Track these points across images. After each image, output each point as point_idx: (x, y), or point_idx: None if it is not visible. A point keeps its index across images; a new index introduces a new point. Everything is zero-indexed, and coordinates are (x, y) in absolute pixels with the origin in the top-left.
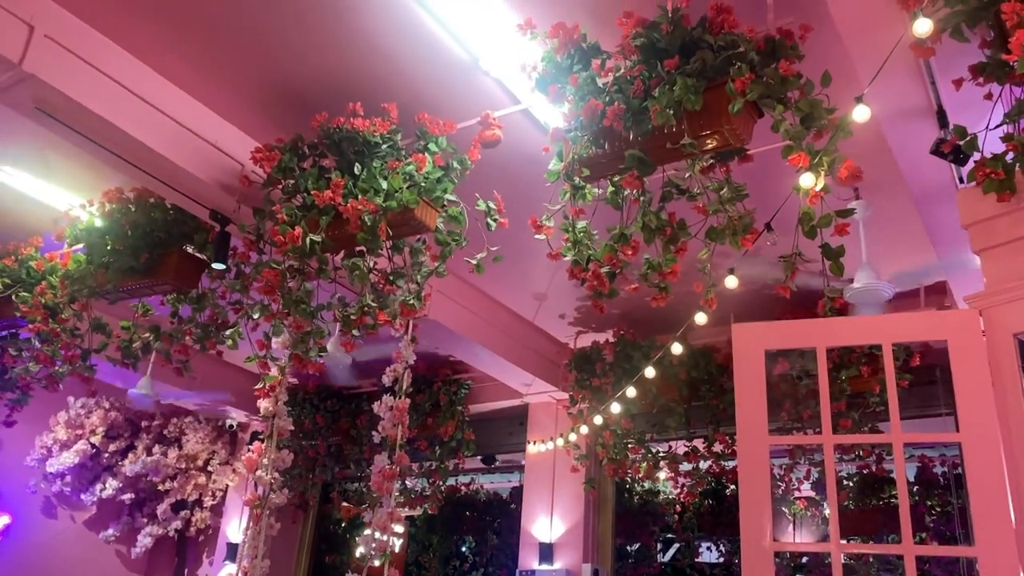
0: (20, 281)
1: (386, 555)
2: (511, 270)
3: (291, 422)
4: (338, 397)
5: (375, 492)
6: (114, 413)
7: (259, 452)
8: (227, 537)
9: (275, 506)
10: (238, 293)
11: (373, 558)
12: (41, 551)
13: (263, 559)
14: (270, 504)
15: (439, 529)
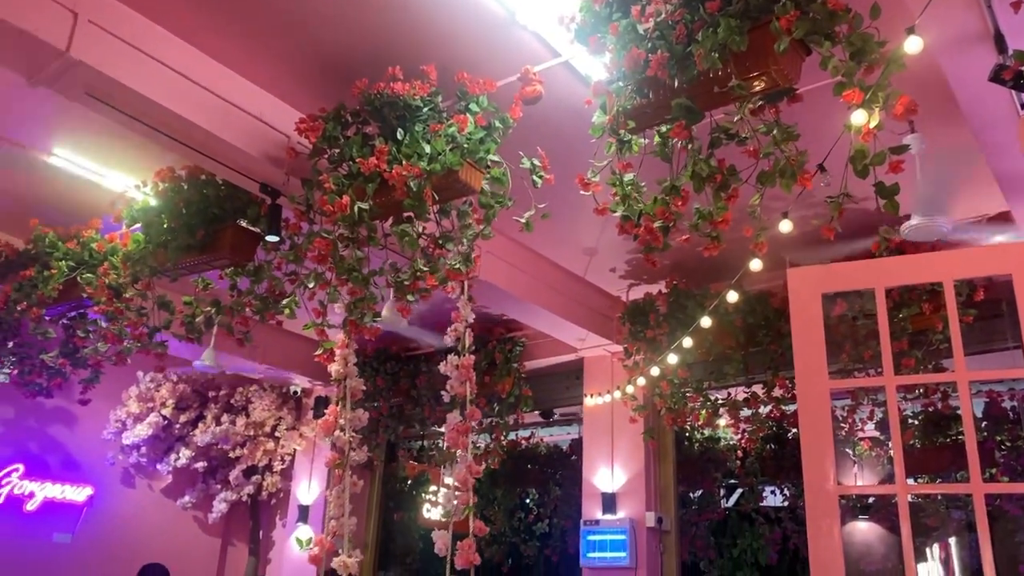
0: (83, 263)
1: (469, 508)
2: (560, 226)
3: (363, 382)
4: (396, 359)
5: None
6: (182, 385)
7: (334, 414)
8: (297, 499)
9: (356, 464)
10: (292, 264)
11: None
12: (123, 520)
13: (349, 516)
14: (351, 462)
15: (502, 483)
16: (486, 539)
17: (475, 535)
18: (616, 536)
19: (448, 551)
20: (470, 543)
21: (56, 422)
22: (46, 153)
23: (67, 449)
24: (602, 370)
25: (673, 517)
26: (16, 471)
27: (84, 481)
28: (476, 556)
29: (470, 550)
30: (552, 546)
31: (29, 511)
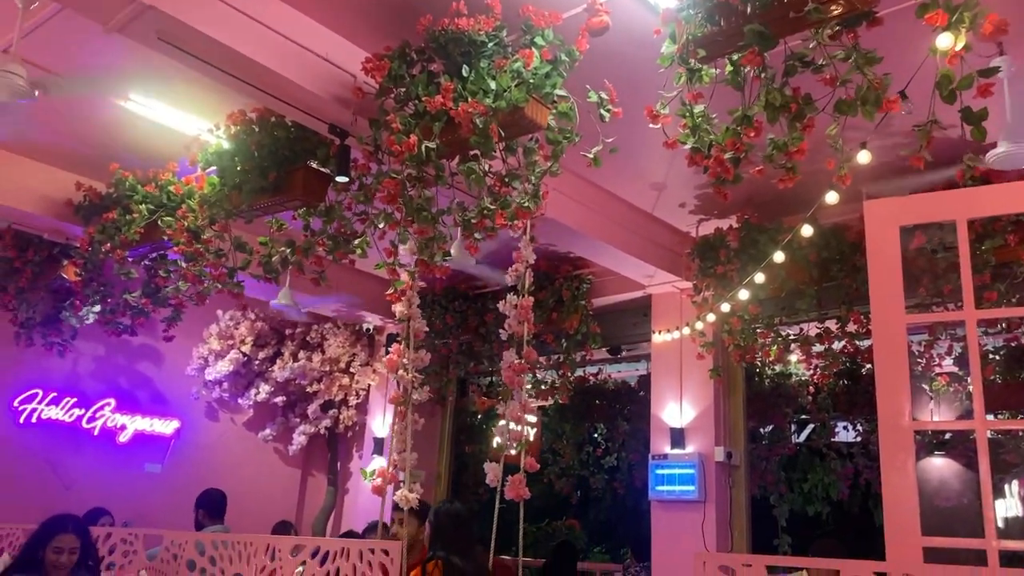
0: (162, 206)
1: (521, 444)
2: (627, 161)
3: (425, 323)
4: (465, 298)
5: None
6: (260, 323)
7: (398, 353)
8: (373, 432)
9: (417, 402)
10: (362, 204)
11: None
12: (208, 451)
13: (411, 451)
14: (413, 401)
15: (570, 418)
16: (555, 471)
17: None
18: (684, 470)
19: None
20: (520, 478)
21: (143, 359)
22: (123, 99)
23: (154, 384)
24: (670, 307)
25: (742, 452)
26: (108, 405)
27: (171, 415)
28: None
29: (520, 484)
30: (620, 479)
31: (122, 442)
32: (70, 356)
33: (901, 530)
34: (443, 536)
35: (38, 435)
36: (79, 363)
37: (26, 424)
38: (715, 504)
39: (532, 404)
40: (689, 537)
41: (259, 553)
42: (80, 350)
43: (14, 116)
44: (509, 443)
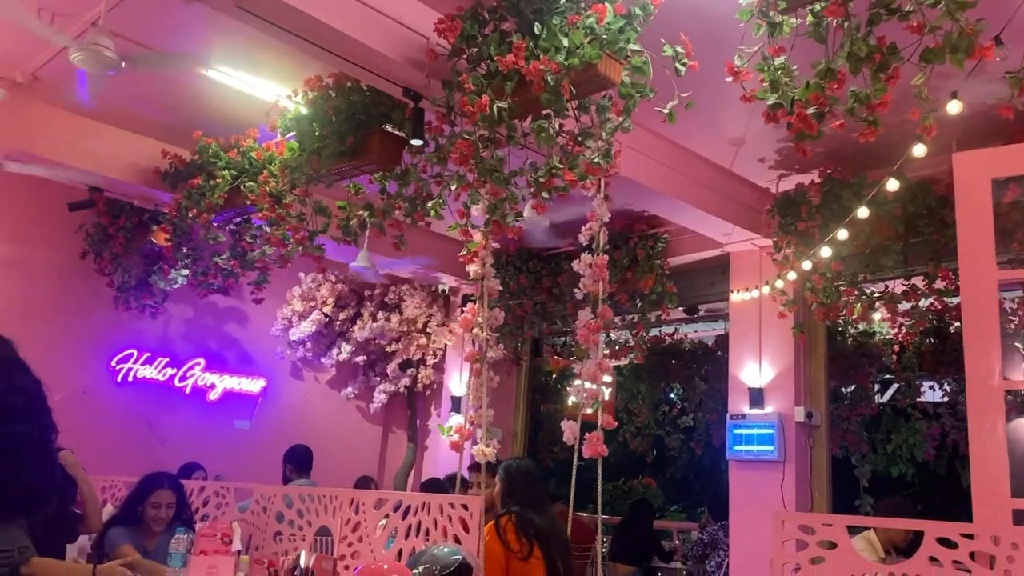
0: (244, 172)
1: (597, 402)
2: (704, 117)
3: (499, 283)
4: (538, 258)
5: (582, 345)
6: (340, 285)
7: (473, 312)
8: (450, 391)
9: (492, 360)
10: (437, 166)
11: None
12: (293, 409)
13: (487, 408)
14: (488, 359)
15: (646, 378)
16: (631, 431)
17: (604, 428)
18: (764, 430)
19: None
20: (598, 435)
21: (230, 320)
22: (204, 68)
23: (241, 345)
24: (749, 265)
25: (823, 412)
26: (198, 364)
27: (258, 374)
28: (603, 447)
29: (597, 442)
30: (697, 439)
31: (212, 400)
32: (162, 318)
33: (989, 492)
34: (514, 493)
35: (134, 393)
36: (170, 325)
37: (123, 383)
38: (795, 464)
39: (609, 363)
40: (768, 497)
41: (344, 506)
42: (171, 312)
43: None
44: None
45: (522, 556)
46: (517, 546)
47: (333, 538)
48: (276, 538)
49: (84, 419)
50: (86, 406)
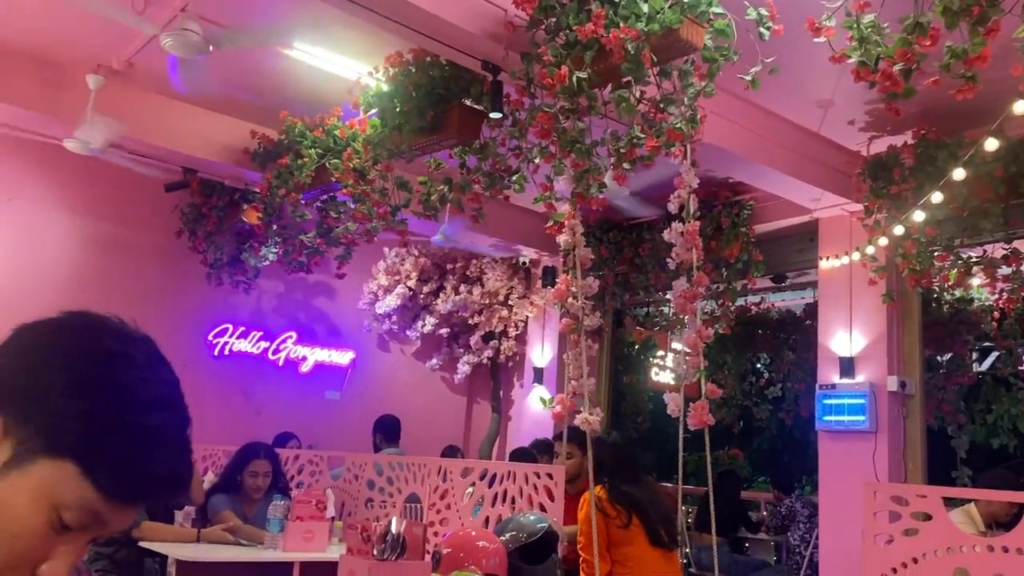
0: (330, 149)
1: (700, 371)
2: (790, 79)
3: (591, 251)
4: (619, 229)
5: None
6: (423, 259)
7: (566, 283)
8: (532, 362)
9: (589, 328)
10: (516, 139)
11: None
12: (381, 380)
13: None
14: (584, 328)
15: (732, 348)
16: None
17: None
18: (855, 400)
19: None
20: (703, 405)
21: (319, 295)
22: (287, 48)
23: (330, 318)
24: (839, 231)
25: (917, 381)
26: (290, 338)
27: (346, 346)
28: (710, 417)
29: (703, 411)
30: (785, 409)
31: (304, 372)
32: (254, 293)
33: None
34: (603, 467)
35: (230, 366)
36: (262, 300)
37: (220, 356)
38: (888, 434)
39: (709, 331)
40: (859, 468)
41: (432, 474)
42: (263, 288)
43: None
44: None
45: (621, 524)
46: (614, 513)
47: (422, 505)
48: (368, 504)
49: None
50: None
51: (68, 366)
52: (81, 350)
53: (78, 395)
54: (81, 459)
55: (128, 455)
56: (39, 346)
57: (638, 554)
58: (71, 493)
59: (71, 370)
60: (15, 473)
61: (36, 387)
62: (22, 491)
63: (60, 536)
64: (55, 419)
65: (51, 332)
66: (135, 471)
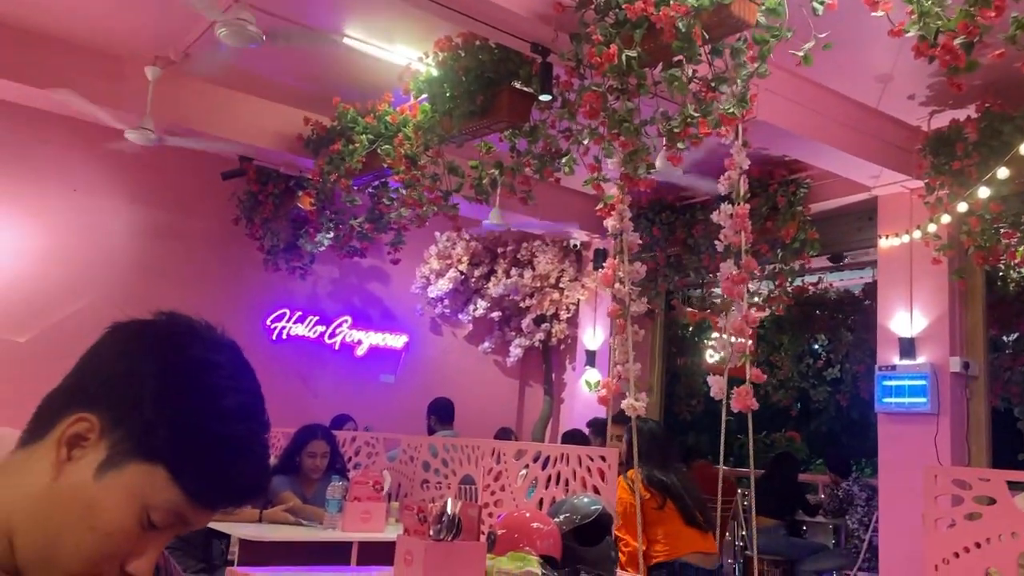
0: (381, 135)
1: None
2: (847, 54)
3: (638, 236)
4: (671, 209)
5: (726, 297)
6: (474, 243)
7: (613, 268)
8: (584, 345)
9: (635, 314)
10: (566, 121)
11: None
12: (434, 363)
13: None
14: (631, 312)
15: (788, 329)
16: (773, 384)
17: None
18: (915, 382)
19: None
20: (747, 389)
21: (373, 279)
22: (339, 34)
23: (384, 303)
24: (899, 208)
25: (982, 362)
26: (345, 322)
27: (400, 330)
28: (753, 401)
29: (747, 395)
30: (843, 391)
31: (359, 356)
32: (310, 279)
33: None
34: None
35: (288, 350)
36: (318, 285)
37: (278, 340)
38: (950, 417)
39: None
40: (920, 450)
41: (486, 456)
42: (318, 273)
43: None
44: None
45: (656, 506)
46: (648, 495)
47: (476, 486)
48: (423, 485)
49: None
50: None
51: (158, 374)
52: (171, 359)
53: (167, 404)
54: (171, 465)
55: (214, 464)
56: (132, 352)
57: (673, 532)
58: (160, 496)
59: (161, 379)
60: (110, 474)
61: (129, 393)
62: (115, 492)
63: (147, 533)
64: (146, 426)
65: (143, 337)
66: (220, 479)
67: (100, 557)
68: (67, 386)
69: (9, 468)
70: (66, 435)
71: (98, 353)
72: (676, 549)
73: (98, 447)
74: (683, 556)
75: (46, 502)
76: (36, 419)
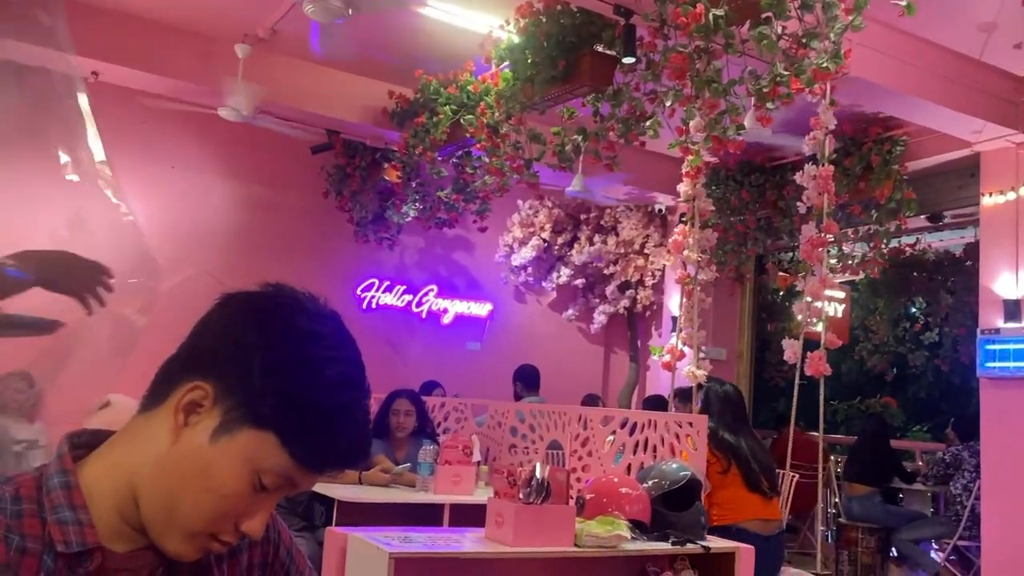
0: (463, 105)
1: (822, 320)
2: (946, 3)
3: (711, 203)
4: (761, 171)
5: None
6: (556, 210)
7: (684, 234)
8: (670, 311)
9: (704, 282)
10: (651, 83)
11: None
12: (519, 331)
13: (699, 329)
14: (700, 280)
15: (884, 292)
16: (868, 348)
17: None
18: (1021, 345)
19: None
20: (820, 354)
21: (458, 249)
22: (420, 5)
23: (469, 272)
24: (1004, 164)
25: None
26: (432, 291)
27: (485, 298)
28: (827, 367)
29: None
30: (942, 356)
31: (445, 324)
32: (397, 249)
33: None
34: (710, 414)
35: (378, 318)
36: (405, 255)
37: (367, 309)
38: None
39: (834, 280)
40: None
41: (572, 422)
42: (405, 243)
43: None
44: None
45: (720, 470)
46: (714, 459)
47: (564, 452)
48: (511, 450)
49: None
50: None
51: (265, 346)
52: (278, 331)
53: (275, 375)
54: (279, 432)
55: (320, 432)
56: (240, 323)
57: (737, 497)
58: (271, 460)
59: (268, 351)
60: (224, 440)
61: (238, 364)
62: (229, 456)
63: (258, 495)
64: (256, 395)
65: (251, 309)
66: (326, 445)
67: (216, 516)
68: (182, 355)
69: (132, 432)
70: (183, 402)
71: (209, 323)
72: (735, 514)
73: (212, 414)
74: (741, 522)
75: (166, 465)
76: (154, 386)
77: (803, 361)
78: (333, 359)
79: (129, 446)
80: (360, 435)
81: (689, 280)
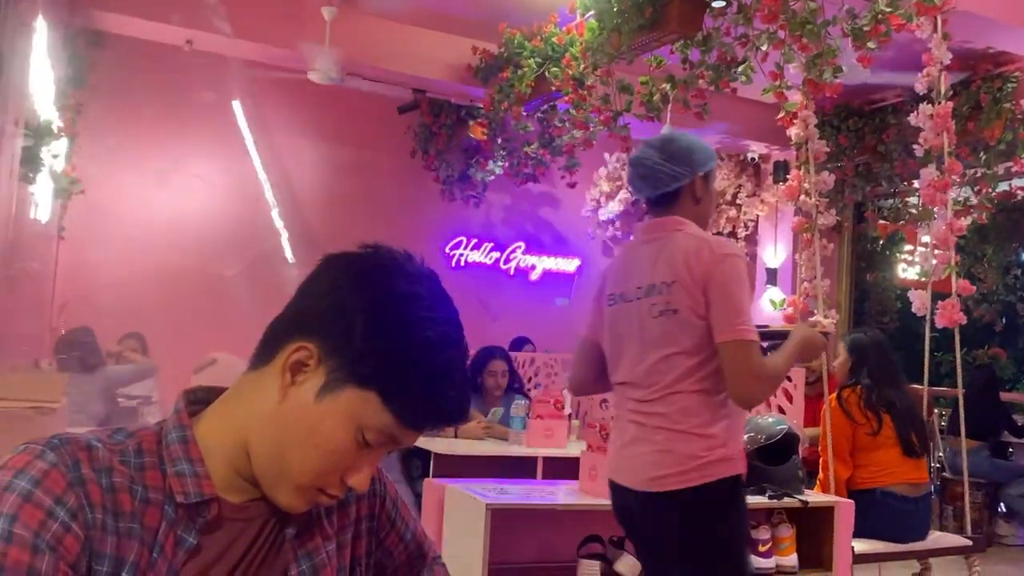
0: (548, 58)
1: (951, 267)
2: None
3: (824, 144)
4: (859, 115)
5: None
6: None
7: (798, 179)
8: (764, 263)
9: (824, 228)
10: (742, 26)
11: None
12: None
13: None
14: (819, 226)
15: (993, 238)
16: (975, 298)
17: (959, 295)
18: None
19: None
20: (953, 303)
21: (544, 205)
22: None
23: (555, 228)
24: None
25: None
26: (519, 248)
27: (572, 254)
28: (961, 315)
29: (953, 310)
30: None
31: (533, 280)
32: (484, 207)
33: None
34: (868, 366)
35: (466, 276)
36: (491, 212)
37: (456, 267)
38: None
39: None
40: None
41: None
42: (491, 201)
43: None
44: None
45: (870, 431)
46: (863, 419)
47: None
48: (602, 405)
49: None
50: None
51: (367, 309)
52: (377, 293)
53: (375, 336)
54: (381, 391)
55: (420, 391)
56: (342, 285)
57: (885, 460)
58: (374, 418)
59: (369, 313)
60: (329, 398)
61: (340, 325)
62: (334, 414)
63: (363, 450)
64: (358, 355)
65: (352, 271)
66: (427, 404)
67: (323, 471)
68: (288, 315)
69: (243, 389)
70: (289, 362)
71: (312, 285)
72: (883, 477)
73: (317, 372)
74: (889, 485)
75: (275, 421)
76: (263, 345)
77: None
78: (432, 319)
79: (240, 403)
80: (460, 394)
81: (807, 227)
